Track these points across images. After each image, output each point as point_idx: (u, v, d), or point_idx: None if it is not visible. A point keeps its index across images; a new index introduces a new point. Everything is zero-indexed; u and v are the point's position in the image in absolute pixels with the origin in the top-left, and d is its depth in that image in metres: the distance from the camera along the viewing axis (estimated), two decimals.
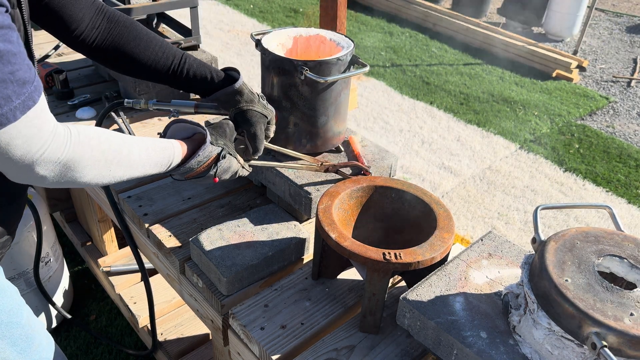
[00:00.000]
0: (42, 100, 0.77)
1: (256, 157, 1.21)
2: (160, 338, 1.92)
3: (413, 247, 1.03)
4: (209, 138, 1.04)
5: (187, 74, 1.17)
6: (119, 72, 1.21)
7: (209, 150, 1.04)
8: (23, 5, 0.86)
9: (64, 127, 0.80)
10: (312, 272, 1.24)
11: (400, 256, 1.00)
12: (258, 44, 1.38)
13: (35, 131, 0.75)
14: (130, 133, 1.77)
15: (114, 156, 0.87)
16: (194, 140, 1.06)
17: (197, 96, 2.15)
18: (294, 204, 1.37)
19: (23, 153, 0.75)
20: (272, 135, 1.26)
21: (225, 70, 1.20)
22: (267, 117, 1.20)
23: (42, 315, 2.03)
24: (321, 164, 1.38)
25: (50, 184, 0.81)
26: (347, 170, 1.40)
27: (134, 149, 0.91)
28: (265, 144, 1.25)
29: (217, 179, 1.08)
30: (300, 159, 1.40)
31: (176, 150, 1.01)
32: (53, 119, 0.80)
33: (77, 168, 0.82)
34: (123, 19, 1.14)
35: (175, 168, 1.02)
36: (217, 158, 1.05)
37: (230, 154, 1.09)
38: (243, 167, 1.16)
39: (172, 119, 1.11)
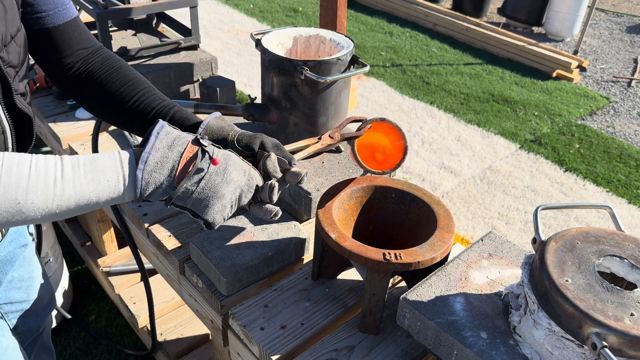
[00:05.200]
0: None
1: (295, 164, 0.94)
2: (160, 338, 1.92)
3: (413, 247, 1.03)
4: (162, 120, 0.82)
5: (171, 117, 0.99)
6: (99, 116, 1.05)
7: (170, 129, 0.79)
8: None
9: None
10: (312, 272, 1.24)
11: (400, 256, 1.00)
12: (258, 43, 1.37)
13: None
14: (130, 133, 1.77)
15: (17, 185, 0.68)
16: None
17: (198, 96, 2.16)
18: (294, 204, 1.37)
19: None
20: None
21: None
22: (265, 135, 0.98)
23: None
24: (320, 137, 1.13)
25: None
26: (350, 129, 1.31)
27: (50, 170, 0.71)
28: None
29: (217, 160, 0.78)
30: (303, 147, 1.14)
31: (121, 154, 0.77)
32: None
33: None
34: (116, 62, 1.04)
35: (136, 186, 0.76)
36: (198, 142, 0.79)
37: (219, 147, 0.84)
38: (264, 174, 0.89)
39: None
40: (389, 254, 1.00)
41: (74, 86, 1.04)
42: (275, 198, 0.89)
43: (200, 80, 2.09)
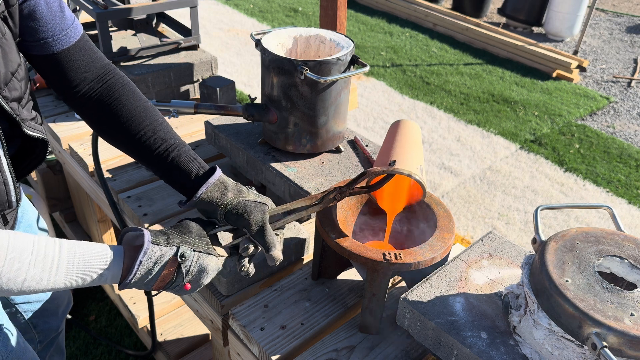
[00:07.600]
0: None
1: (274, 253, 0.96)
2: (159, 338, 1.91)
3: (413, 248, 1.03)
4: (148, 237, 0.85)
5: (170, 161, 1.00)
6: (106, 139, 1.06)
7: (153, 251, 0.85)
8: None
9: None
10: (312, 272, 1.24)
11: (400, 256, 1.00)
12: (258, 43, 1.37)
13: None
14: None
15: (14, 279, 0.74)
16: (136, 247, 0.86)
17: (198, 96, 2.16)
18: None
19: None
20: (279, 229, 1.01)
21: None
22: (266, 204, 0.98)
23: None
24: (323, 197, 1.04)
25: None
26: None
27: (47, 267, 0.77)
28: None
29: (189, 285, 0.88)
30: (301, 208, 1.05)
31: (112, 259, 0.83)
32: None
33: None
34: (123, 91, 1.02)
35: (117, 281, 0.85)
36: (177, 260, 0.86)
37: (200, 251, 0.89)
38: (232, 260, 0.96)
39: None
40: (389, 254, 1.00)
41: (81, 109, 1.04)
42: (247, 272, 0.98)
43: (200, 80, 2.09)
